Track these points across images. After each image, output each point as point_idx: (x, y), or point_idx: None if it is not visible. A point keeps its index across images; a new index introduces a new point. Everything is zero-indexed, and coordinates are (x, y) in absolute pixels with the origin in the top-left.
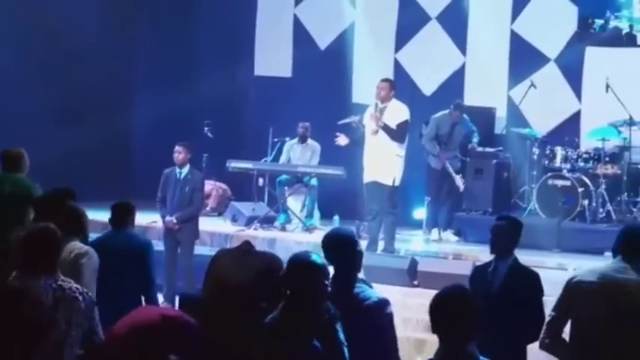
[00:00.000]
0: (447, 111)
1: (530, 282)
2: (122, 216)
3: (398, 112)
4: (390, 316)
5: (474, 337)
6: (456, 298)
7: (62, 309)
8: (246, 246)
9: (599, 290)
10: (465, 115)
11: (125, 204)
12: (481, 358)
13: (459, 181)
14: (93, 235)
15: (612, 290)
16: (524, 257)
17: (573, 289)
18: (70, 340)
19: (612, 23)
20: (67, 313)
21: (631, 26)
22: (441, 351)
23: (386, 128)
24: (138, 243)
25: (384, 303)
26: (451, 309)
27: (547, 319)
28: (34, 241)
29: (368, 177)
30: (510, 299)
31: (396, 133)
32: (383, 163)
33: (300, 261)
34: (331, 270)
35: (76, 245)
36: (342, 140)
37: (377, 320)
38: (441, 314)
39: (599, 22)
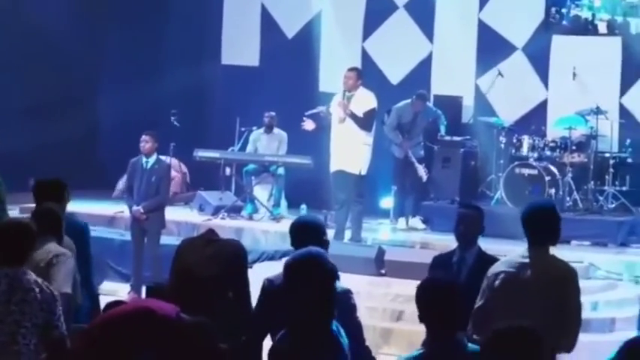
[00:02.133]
0: (408, 100)
1: None
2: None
3: (365, 101)
4: (354, 306)
5: (461, 326)
6: (444, 287)
7: (15, 298)
8: (210, 234)
9: (508, 279)
10: (428, 103)
11: (57, 182)
12: (470, 345)
13: (421, 171)
14: None
15: (517, 277)
16: (492, 246)
17: (488, 282)
18: (23, 330)
19: (573, 12)
20: (21, 303)
21: (593, 15)
22: (429, 340)
23: (353, 116)
24: (75, 226)
25: (347, 293)
26: (440, 298)
27: (474, 311)
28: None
29: (335, 166)
30: (479, 288)
31: (363, 122)
32: (350, 152)
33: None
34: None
35: (53, 247)
36: (308, 125)
37: (340, 311)
38: (429, 303)
39: (560, 10)
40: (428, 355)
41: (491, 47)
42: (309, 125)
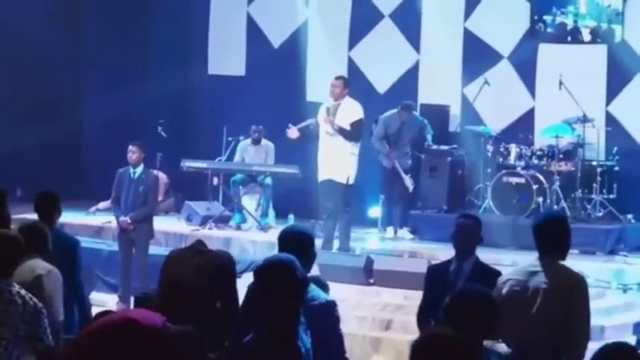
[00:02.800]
0: (395, 110)
1: (495, 280)
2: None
3: (352, 111)
4: (337, 319)
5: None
6: (480, 298)
7: None
8: (199, 245)
9: (520, 287)
10: (414, 112)
11: (50, 195)
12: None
13: (407, 181)
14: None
15: (526, 285)
16: (480, 255)
17: (497, 289)
18: (4, 342)
19: (558, 19)
20: (2, 315)
21: (576, 22)
22: None
23: (341, 131)
24: (66, 241)
25: (331, 305)
26: (473, 308)
27: None
28: None
29: (322, 175)
30: None
31: (351, 133)
32: (337, 161)
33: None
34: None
35: (39, 264)
36: (292, 133)
37: (323, 322)
38: (461, 312)
39: (546, 18)
40: None
41: (477, 56)
42: (292, 133)
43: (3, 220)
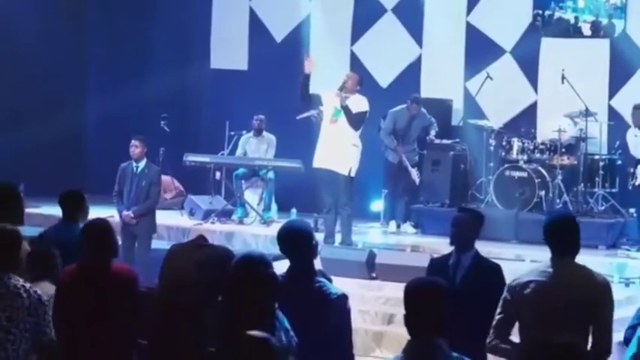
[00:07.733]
0: (404, 105)
1: (494, 274)
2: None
3: (359, 103)
4: (349, 311)
5: (444, 331)
6: (431, 290)
7: (2, 304)
8: (200, 240)
9: (541, 288)
10: (422, 109)
11: (75, 193)
12: (453, 354)
13: (414, 175)
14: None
15: (548, 288)
16: (482, 248)
17: (515, 291)
18: (11, 337)
19: (557, 14)
20: (8, 310)
21: (576, 17)
22: (411, 345)
23: (347, 110)
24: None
25: (344, 298)
26: (426, 300)
27: (494, 321)
28: None
29: (321, 163)
30: (474, 292)
31: (355, 119)
32: (339, 152)
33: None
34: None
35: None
36: (309, 65)
37: (337, 315)
38: (413, 305)
39: (544, 13)
40: None
41: (479, 50)
42: (309, 66)
43: (17, 215)
